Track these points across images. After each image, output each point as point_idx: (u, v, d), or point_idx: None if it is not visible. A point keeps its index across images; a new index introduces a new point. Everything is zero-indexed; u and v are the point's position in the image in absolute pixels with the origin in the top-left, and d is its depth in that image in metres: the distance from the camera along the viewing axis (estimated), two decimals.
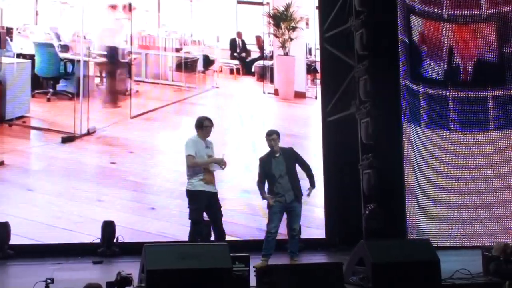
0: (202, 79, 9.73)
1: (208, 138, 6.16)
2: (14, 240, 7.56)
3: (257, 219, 8.51)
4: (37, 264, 6.85)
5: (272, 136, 6.44)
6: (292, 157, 6.45)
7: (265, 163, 6.39)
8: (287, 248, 6.20)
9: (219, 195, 6.09)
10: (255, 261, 5.55)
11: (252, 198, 8.57)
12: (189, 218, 5.93)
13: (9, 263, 7.17)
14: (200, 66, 9.70)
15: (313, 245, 8.87)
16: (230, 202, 7.13)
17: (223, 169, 6.02)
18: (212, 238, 6.25)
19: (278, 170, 6.34)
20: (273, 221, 6.30)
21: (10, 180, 8.11)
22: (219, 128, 6.80)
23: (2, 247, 7.41)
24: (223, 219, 6.07)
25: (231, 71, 9.88)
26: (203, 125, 6.10)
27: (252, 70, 9.92)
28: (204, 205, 5.94)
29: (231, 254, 4.56)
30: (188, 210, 5.96)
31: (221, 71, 9.83)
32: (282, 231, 6.51)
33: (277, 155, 6.38)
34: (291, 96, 9.96)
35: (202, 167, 5.97)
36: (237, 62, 9.89)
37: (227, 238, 7.15)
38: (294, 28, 9.97)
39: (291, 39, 9.95)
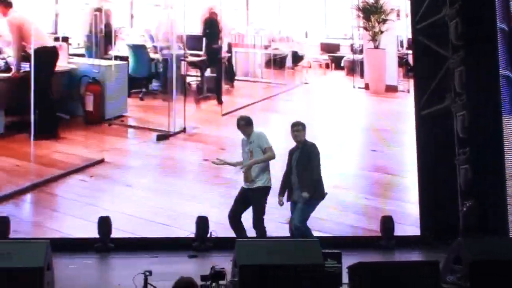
0: (291, 75, 9.74)
1: (256, 132, 6.46)
2: (115, 234, 7.91)
3: (349, 215, 8.41)
4: (136, 257, 7.14)
5: (295, 127, 6.31)
6: (307, 153, 6.25)
7: (289, 155, 6.32)
8: (377, 246, 6.05)
9: None
10: (347, 258, 5.49)
11: (343, 194, 8.50)
12: None
13: (110, 256, 7.53)
14: (289, 62, 9.72)
15: (406, 242, 8.64)
16: None
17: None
18: None
19: (293, 165, 6.23)
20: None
21: (110, 177, 8.49)
22: (307, 124, 6.80)
23: (104, 240, 7.78)
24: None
25: (320, 66, 9.83)
26: (238, 125, 6.50)
27: (342, 64, 9.81)
28: (239, 200, 6.50)
29: (322, 251, 4.54)
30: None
31: (310, 66, 9.80)
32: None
33: (297, 148, 6.27)
34: (382, 90, 9.75)
35: None
36: (326, 57, 9.83)
37: (318, 234, 7.18)
38: (384, 21, 9.74)
39: (382, 32, 9.74)
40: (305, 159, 6.25)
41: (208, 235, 8.06)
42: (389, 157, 9.27)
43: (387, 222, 8.65)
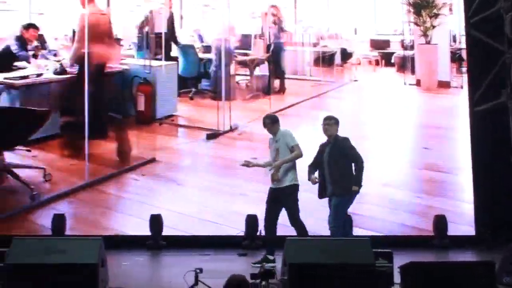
0: (340, 73, 9.66)
1: (282, 130, 6.40)
2: (166, 231, 8.03)
3: (400, 214, 8.27)
4: (187, 255, 7.24)
5: (326, 121, 6.20)
6: (339, 148, 6.12)
7: (320, 149, 6.21)
8: (430, 245, 5.92)
9: None
10: (399, 258, 5.40)
11: (394, 193, 8.37)
12: None
13: (162, 253, 7.66)
14: (337, 59, 9.64)
15: (460, 242, 8.43)
16: (370, 196, 7.00)
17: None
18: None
19: (325, 160, 6.11)
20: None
21: (161, 175, 8.63)
22: (357, 122, 6.74)
23: (156, 238, 7.91)
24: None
25: (370, 63, 9.70)
26: (264, 124, 6.47)
27: (392, 61, 9.65)
28: (270, 201, 6.45)
29: (373, 250, 4.48)
30: None
31: (359, 63, 9.69)
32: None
33: (329, 143, 6.17)
34: (434, 86, 9.55)
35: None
36: (376, 53, 9.70)
37: (368, 233, 7.10)
38: (436, 15, 9.52)
39: (433, 27, 9.53)
40: (337, 154, 6.17)
41: (258, 234, 8.08)
42: (442, 155, 9.06)
43: (440, 221, 8.46)
